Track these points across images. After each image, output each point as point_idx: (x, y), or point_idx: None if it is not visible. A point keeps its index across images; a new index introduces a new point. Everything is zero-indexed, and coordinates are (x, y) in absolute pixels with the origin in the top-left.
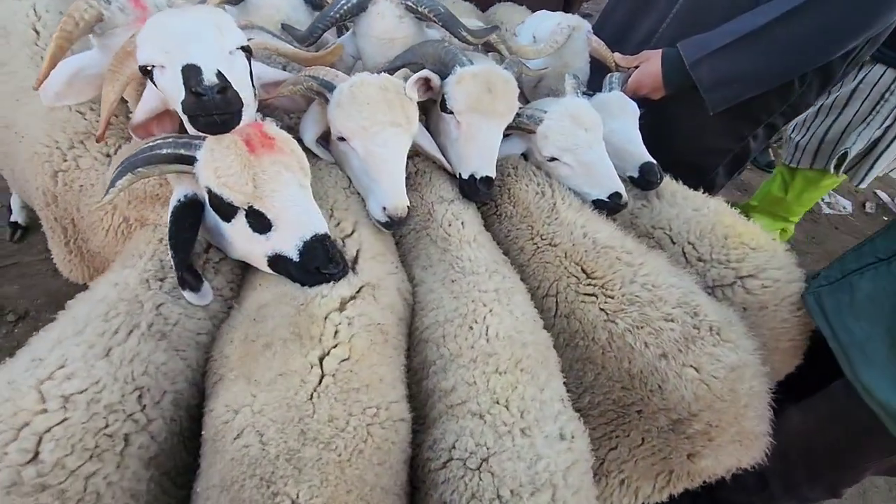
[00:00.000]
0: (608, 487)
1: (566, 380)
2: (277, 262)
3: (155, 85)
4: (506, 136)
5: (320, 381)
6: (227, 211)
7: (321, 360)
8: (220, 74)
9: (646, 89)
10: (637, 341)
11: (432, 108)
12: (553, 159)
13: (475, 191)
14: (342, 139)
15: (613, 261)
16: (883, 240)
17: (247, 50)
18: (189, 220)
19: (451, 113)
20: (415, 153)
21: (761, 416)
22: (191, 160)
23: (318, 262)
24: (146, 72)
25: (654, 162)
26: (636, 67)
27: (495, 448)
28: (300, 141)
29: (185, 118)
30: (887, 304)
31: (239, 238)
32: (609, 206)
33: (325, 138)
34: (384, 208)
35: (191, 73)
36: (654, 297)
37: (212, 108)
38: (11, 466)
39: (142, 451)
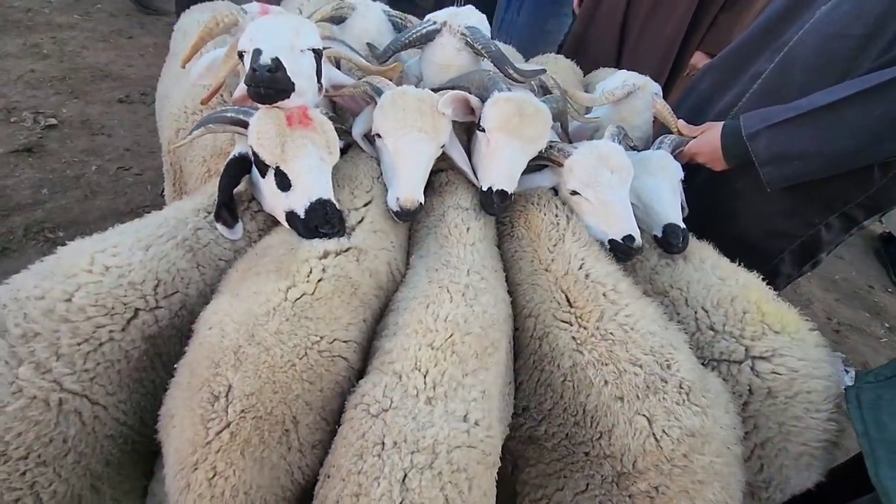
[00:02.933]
0: None
1: (528, 404)
2: (291, 218)
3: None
4: (540, 168)
5: (280, 304)
6: (262, 167)
7: (288, 289)
8: (275, 59)
9: (703, 157)
10: (597, 377)
11: (474, 130)
12: (575, 193)
13: (490, 203)
14: (378, 136)
15: (598, 296)
16: None
17: (317, 52)
18: (236, 170)
19: (484, 131)
20: (449, 167)
21: None
22: (245, 124)
23: (318, 222)
24: (241, 56)
25: (681, 225)
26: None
27: (397, 404)
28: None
29: (246, 88)
30: None
31: (269, 192)
32: (621, 248)
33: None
34: (398, 199)
35: (255, 55)
36: (627, 339)
37: (260, 81)
38: (53, 299)
39: (144, 326)
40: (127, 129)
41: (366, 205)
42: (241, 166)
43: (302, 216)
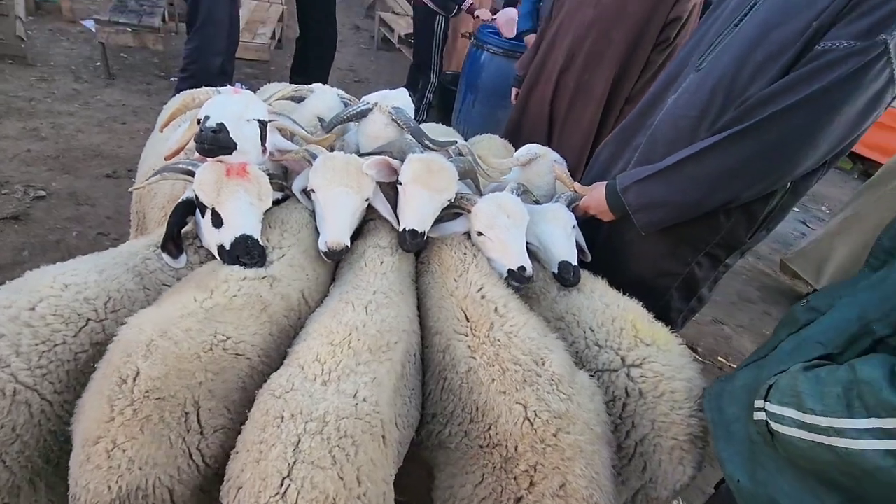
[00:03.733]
0: None
1: (435, 411)
2: (221, 250)
3: None
4: (456, 216)
5: (195, 310)
6: (202, 208)
7: (204, 300)
8: (220, 124)
9: (594, 210)
10: (486, 376)
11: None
12: (480, 234)
13: (404, 240)
14: (313, 191)
15: (490, 311)
16: (769, 343)
17: (262, 123)
18: (184, 210)
19: (402, 184)
20: (377, 216)
21: (592, 480)
22: (193, 174)
23: (239, 252)
24: (199, 122)
25: (573, 262)
26: None
27: (297, 387)
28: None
29: (195, 145)
30: (751, 390)
31: (206, 230)
32: (516, 276)
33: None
34: (326, 241)
35: (205, 120)
36: (510, 343)
37: (204, 139)
38: (19, 308)
39: (93, 333)
40: (111, 201)
41: (290, 246)
42: (188, 208)
43: (227, 248)
